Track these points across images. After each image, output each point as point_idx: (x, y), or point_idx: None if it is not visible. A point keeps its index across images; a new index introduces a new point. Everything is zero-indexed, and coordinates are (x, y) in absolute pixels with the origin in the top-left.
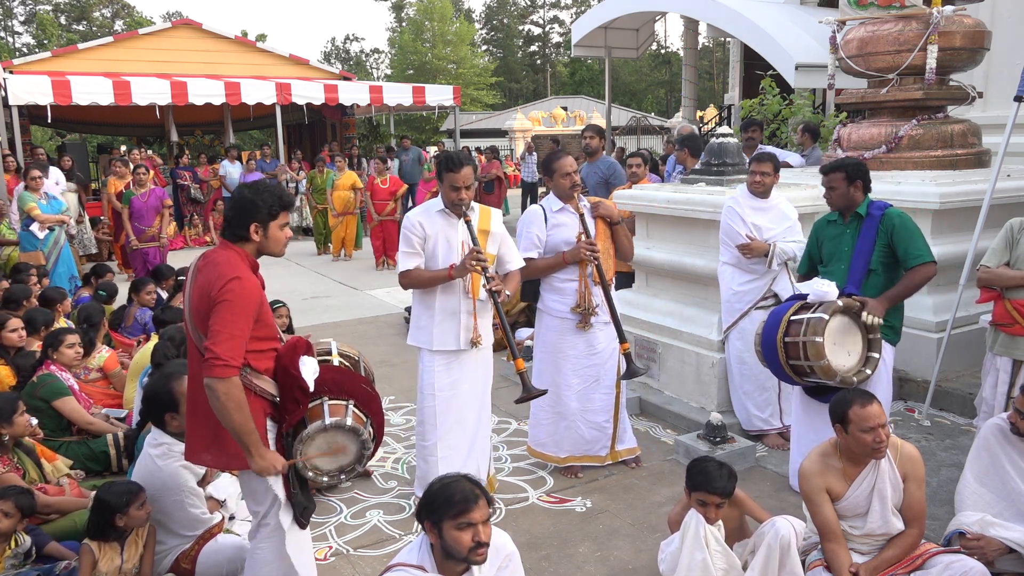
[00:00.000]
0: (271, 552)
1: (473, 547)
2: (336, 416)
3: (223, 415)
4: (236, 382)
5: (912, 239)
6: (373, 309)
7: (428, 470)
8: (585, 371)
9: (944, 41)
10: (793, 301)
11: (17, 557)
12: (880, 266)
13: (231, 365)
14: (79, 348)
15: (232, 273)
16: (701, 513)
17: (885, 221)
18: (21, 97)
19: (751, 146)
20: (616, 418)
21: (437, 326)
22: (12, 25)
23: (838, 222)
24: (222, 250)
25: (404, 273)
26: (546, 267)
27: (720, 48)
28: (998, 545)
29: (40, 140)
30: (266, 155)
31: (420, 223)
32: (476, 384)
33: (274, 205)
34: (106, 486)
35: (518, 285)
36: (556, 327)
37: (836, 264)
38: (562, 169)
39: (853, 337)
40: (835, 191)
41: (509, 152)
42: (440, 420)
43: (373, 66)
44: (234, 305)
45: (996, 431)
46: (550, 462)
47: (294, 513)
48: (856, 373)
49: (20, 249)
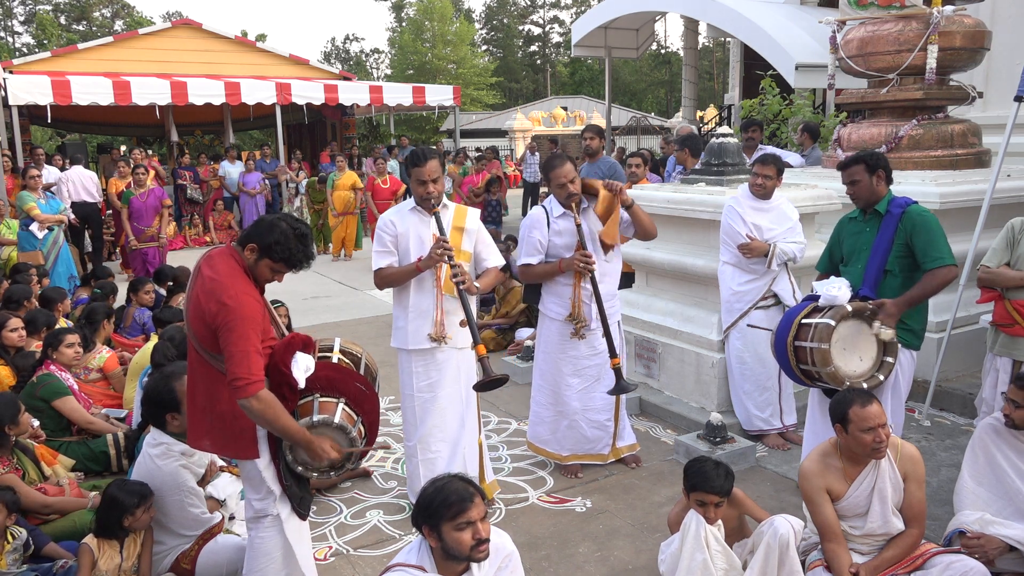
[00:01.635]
0: (270, 542)
1: (475, 545)
2: (324, 413)
3: (269, 427)
4: (266, 397)
5: (932, 239)
6: (373, 309)
7: (411, 471)
8: (586, 371)
9: (944, 41)
10: (808, 302)
11: (17, 551)
12: (897, 266)
13: (253, 381)
14: (79, 348)
15: (233, 289)
16: (700, 513)
17: (905, 219)
18: (21, 97)
19: (751, 146)
20: (617, 416)
21: (411, 323)
22: (12, 25)
23: (859, 219)
24: (225, 256)
25: (377, 272)
26: (543, 273)
27: (720, 48)
28: (998, 543)
29: (40, 140)
30: (266, 155)
31: (392, 221)
32: (458, 388)
33: (277, 250)
34: (118, 484)
35: (493, 281)
36: (556, 329)
37: (854, 264)
38: (557, 179)
39: (866, 342)
40: (858, 184)
41: (509, 152)
42: (420, 422)
43: (373, 66)
44: (239, 326)
45: (990, 430)
46: (551, 459)
47: (292, 504)
48: (868, 379)
49: (19, 249)
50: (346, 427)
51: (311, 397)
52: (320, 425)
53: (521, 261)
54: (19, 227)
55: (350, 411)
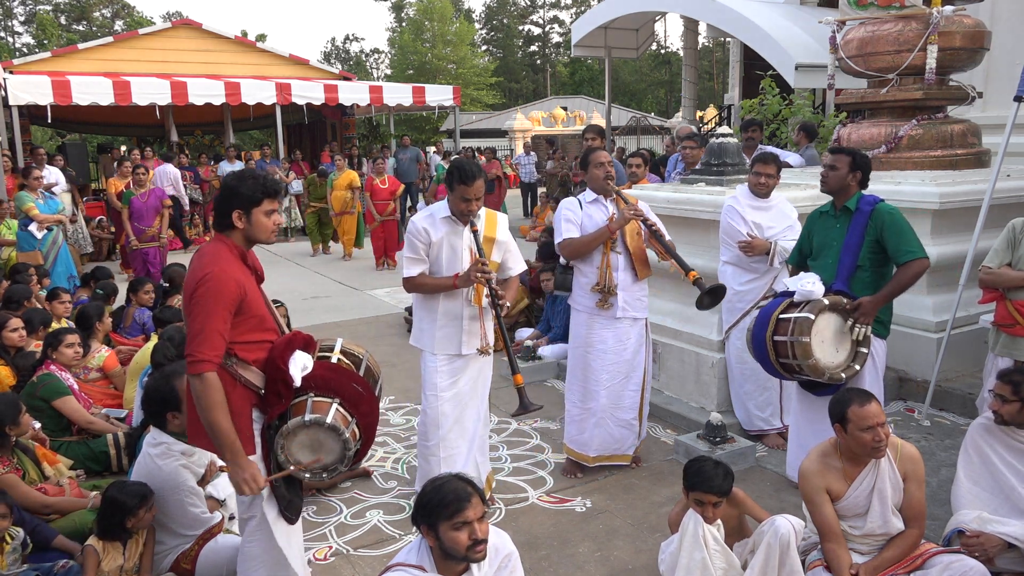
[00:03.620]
0: (259, 546)
1: (471, 545)
2: (317, 413)
3: (200, 413)
4: (211, 380)
5: (902, 235)
6: (373, 309)
7: (430, 470)
8: (614, 367)
9: (944, 41)
10: (781, 299)
11: (16, 551)
12: (868, 262)
13: (202, 360)
14: (79, 348)
15: (206, 269)
16: (699, 512)
17: (875, 217)
18: (21, 97)
19: (751, 146)
20: (641, 416)
21: (439, 330)
22: (12, 25)
23: (830, 214)
24: (212, 243)
25: (408, 279)
26: (585, 243)
27: (720, 48)
28: (997, 541)
29: (40, 140)
30: (266, 155)
31: (425, 229)
32: (477, 384)
33: (256, 191)
34: (118, 486)
35: (515, 290)
36: (584, 322)
37: (824, 258)
38: (596, 159)
39: (841, 333)
40: (835, 171)
41: (509, 152)
42: (443, 420)
43: (373, 66)
44: (206, 302)
45: (981, 429)
46: (582, 461)
47: (279, 507)
48: (845, 369)
49: (18, 249)
50: (339, 428)
51: (305, 396)
52: (312, 425)
53: (562, 237)
54: (18, 227)
55: (344, 412)
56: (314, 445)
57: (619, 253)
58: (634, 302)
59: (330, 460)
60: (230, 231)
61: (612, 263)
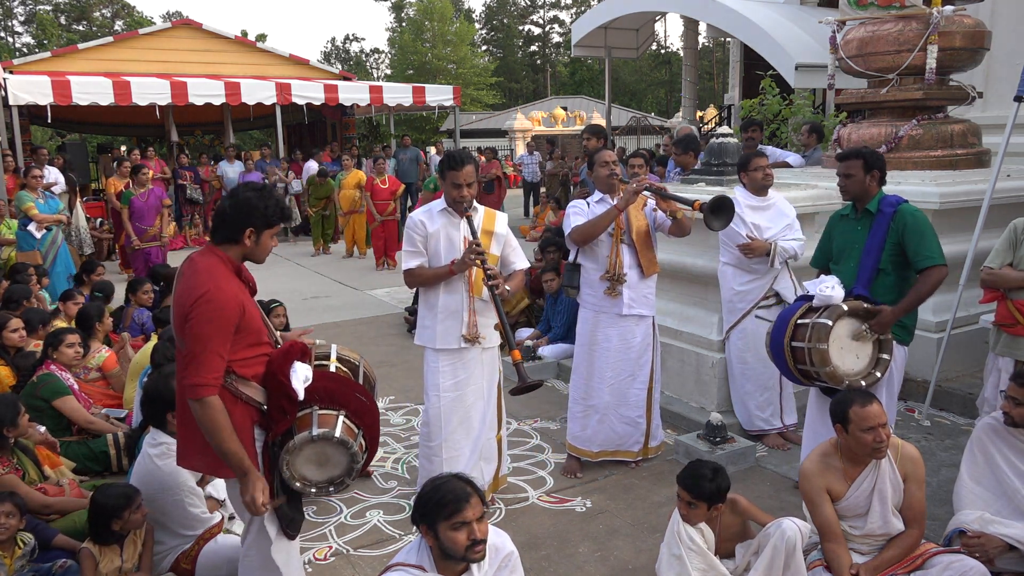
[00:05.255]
0: (258, 559)
1: (469, 545)
2: (324, 427)
3: (207, 437)
4: (213, 404)
5: (923, 239)
6: (373, 309)
7: (432, 470)
8: (619, 365)
9: (944, 41)
10: (801, 302)
11: (25, 556)
12: (890, 265)
13: (203, 385)
14: (79, 348)
15: (203, 287)
16: (682, 510)
17: (897, 218)
18: (21, 97)
19: (751, 146)
20: (649, 414)
21: (440, 324)
22: (12, 25)
23: (850, 217)
24: (205, 255)
25: (408, 271)
26: (593, 226)
27: (720, 48)
28: (998, 542)
29: (40, 140)
30: (266, 156)
31: (422, 222)
32: (481, 385)
33: (275, 216)
34: (101, 490)
35: (521, 284)
36: (590, 319)
37: (846, 262)
38: (601, 159)
39: (862, 340)
40: (851, 178)
41: (509, 152)
42: (445, 421)
43: (373, 66)
44: (206, 323)
45: (988, 430)
46: (584, 456)
47: (280, 524)
48: (865, 376)
49: (17, 248)
50: (347, 441)
51: (309, 409)
52: (320, 440)
53: (572, 226)
54: (17, 227)
55: (351, 424)
56: (320, 459)
57: (627, 245)
58: (640, 299)
59: (335, 473)
60: (231, 245)
61: (620, 254)
